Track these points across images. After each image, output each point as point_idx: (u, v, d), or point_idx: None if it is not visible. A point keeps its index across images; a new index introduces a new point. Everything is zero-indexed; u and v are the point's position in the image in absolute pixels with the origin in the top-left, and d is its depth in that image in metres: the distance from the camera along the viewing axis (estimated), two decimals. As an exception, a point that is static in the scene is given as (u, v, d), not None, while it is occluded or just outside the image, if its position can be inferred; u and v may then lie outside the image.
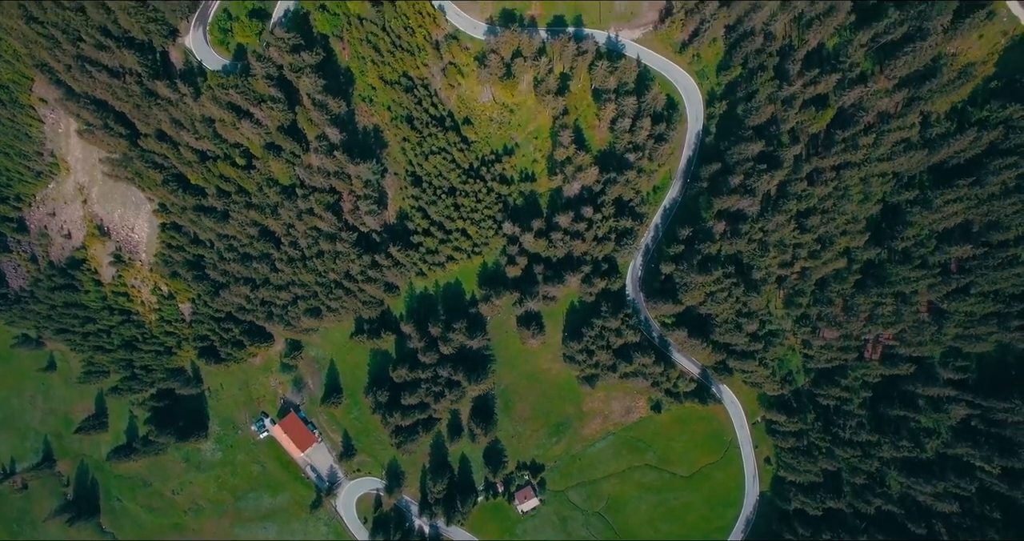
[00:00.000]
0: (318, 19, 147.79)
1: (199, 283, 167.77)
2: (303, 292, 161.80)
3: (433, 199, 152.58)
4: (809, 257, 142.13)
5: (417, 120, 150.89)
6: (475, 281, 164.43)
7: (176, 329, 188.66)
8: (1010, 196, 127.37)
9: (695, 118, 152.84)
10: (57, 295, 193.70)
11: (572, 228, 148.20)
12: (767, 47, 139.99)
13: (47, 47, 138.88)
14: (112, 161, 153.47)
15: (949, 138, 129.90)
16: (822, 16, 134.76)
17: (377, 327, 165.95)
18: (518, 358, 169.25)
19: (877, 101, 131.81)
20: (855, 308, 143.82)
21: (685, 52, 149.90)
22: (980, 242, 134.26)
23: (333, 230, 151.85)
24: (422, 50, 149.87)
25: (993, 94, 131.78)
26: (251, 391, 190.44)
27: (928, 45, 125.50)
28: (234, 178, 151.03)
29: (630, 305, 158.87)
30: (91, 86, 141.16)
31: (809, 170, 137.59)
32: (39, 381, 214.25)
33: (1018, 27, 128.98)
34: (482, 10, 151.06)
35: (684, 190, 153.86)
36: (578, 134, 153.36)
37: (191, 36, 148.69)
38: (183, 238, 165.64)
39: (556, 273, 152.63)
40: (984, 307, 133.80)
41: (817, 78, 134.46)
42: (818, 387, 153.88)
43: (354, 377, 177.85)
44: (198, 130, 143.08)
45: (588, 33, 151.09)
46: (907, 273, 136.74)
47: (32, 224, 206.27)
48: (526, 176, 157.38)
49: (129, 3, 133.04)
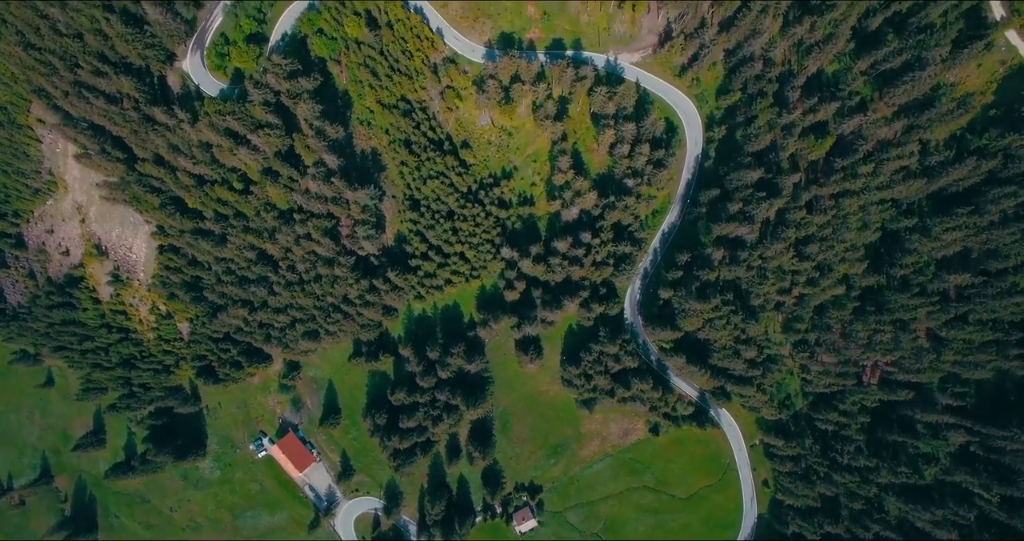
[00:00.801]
0: (315, 43, 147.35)
1: (197, 304, 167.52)
2: (301, 315, 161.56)
3: (431, 223, 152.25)
4: (807, 284, 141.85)
5: (415, 144, 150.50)
6: (473, 304, 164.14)
7: (174, 348, 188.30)
8: (1009, 225, 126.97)
9: (694, 142, 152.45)
10: (55, 313, 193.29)
11: (570, 253, 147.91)
12: (766, 73, 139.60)
13: (44, 74, 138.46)
14: (110, 185, 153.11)
15: (948, 166, 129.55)
16: (821, 43, 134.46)
17: (375, 349, 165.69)
18: (516, 380, 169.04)
19: (876, 130, 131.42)
20: (853, 335, 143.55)
21: (684, 76, 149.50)
22: (979, 270, 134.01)
23: (331, 254, 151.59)
24: (420, 74, 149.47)
25: (992, 122, 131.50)
26: (249, 410, 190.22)
27: (927, 75, 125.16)
28: (232, 202, 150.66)
29: (628, 329, 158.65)
30: (88, 112, 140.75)
31: (808, 198, 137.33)
32: (37, 397, 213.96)
33: (1016, 57, 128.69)
34: (480, 33, 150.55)
35: (683, 214, 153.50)
36: (576, 158, 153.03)
37: (188, 60, 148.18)
38: (181, 260, 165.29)
39: (554, 297, 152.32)
40: (983, 335, 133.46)
41: (816, 106, 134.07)
42: (816, 411, 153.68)
43: (352, 398, 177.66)
44: (195, 155, 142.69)
45: (587, 56, 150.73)
46: (906, 301, 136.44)
47: (30, 240, 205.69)
48: (524, 199, 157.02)
49: (126, 30, 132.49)
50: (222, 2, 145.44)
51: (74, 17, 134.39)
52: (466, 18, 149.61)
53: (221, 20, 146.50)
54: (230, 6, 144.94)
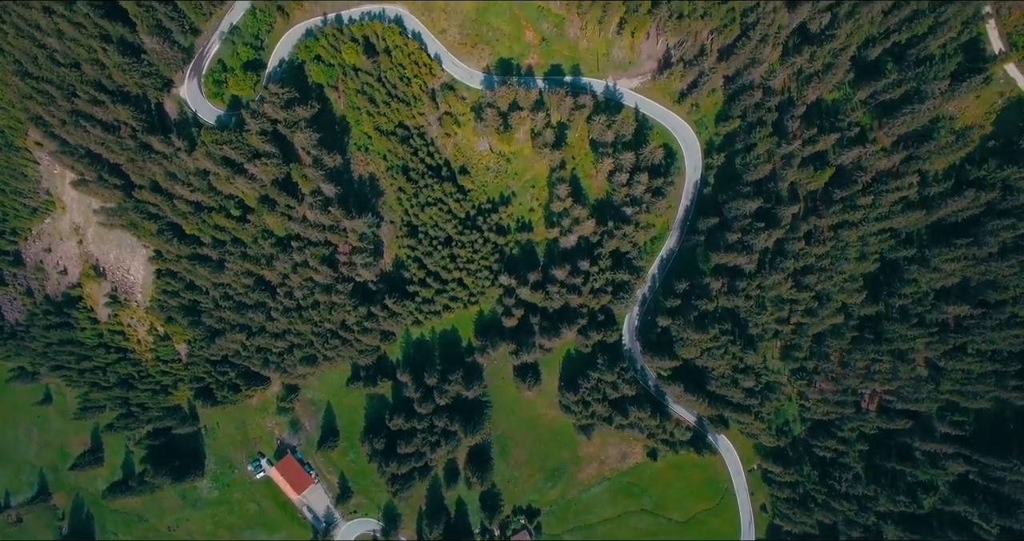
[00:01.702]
0: (313, 70, 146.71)
1: (195, 328, 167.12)
2: (299, 340, 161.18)
3: (429, 250, 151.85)
4: (806, 314, 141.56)
5: (413, 171, 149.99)
6: (472, 328, 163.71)
7: (172, 369, 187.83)
8: (1008, 258, 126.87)
9: (693, 168, 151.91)
10: (53, 333, 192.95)
11: (568, 281, 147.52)
12: (766, 102, 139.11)
13: (41, 102, 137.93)
14: (107, 211, 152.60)
15: (947, 198, 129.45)
16: (821, 73, 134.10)
17: (373, 373, 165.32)
18: (514, 404, 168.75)
19: (876, 161, 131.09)
20: (852, 364, 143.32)
21: (684, 102, 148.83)
22: (978, 300, 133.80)
23: (329, 281, 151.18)
24: (418, 100, 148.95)
25: (990, 152, 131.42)
26: (248, 431, 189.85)
27: (926, 108, 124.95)
28: (229, 228, 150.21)
29: (626, 355, 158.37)
30: (85, 140, 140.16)
31: (807, 229, 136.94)
32: (35, 414, 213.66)
33: (1015, 89, 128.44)
34: (479, 59, 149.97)
35: (682, 241, 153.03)
36: (575, 184, 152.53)
37: (185, 86, 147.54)
38: (179, 284, 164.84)
39: (552, 325, 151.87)
40: (982, 366, 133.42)
41: (816, 137, 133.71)
42: (814, 438, 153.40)
43: (351, 420, 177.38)
44: (192, 183, 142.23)
45: (586, 82, 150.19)
46: (904, 331, 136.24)
47: (28, 258, 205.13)
48: (523, 225, 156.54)
49: (123, 60, 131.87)
50: (219, 30, 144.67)
51: (71, 47, 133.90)
52: (464, 44, 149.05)
53: (218, 47, 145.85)
54: (227, 34, 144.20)
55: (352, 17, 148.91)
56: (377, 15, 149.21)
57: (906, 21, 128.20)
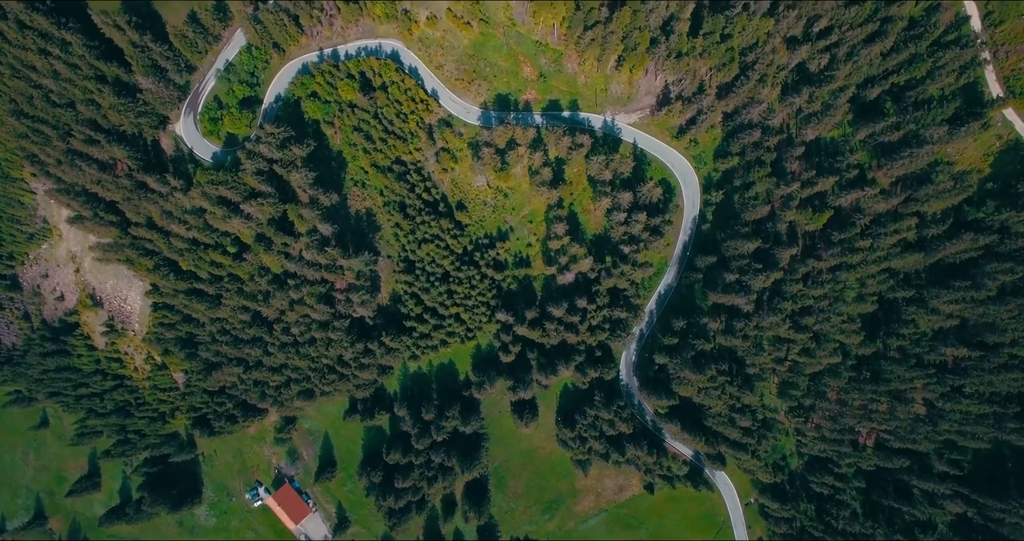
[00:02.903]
0: (309, 106, 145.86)
1: (191, 361, 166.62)
2: (296, 375, 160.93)
3: (426, 286, 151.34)
4: (803, 353, 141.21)
5: (410, 207, 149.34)
6: (469, 362, 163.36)
7: (169, 397, 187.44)
8: (1007, 301, 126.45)
9: (691, 203, 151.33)
10: (49, 360, 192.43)
11: (566, 319, 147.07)
12: (765, 141, 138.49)
13: (37, 142, 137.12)
14: (103, 246, 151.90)
15: (946, 241, 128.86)
16: (820, 114, 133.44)
17: (371, 406, 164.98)
18: (512, 436, 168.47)
19: (874, 204, 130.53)
20: (849, 403, 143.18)
21: (682, 137, 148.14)
22: (976, 342, 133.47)
23: (325, 318, 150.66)
24: (415, 136, 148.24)
25: (989, 194, 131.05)
26: (245, 459, 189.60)
27: (925, 152, 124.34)
28: (226, 265, 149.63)
29: (624, 390, 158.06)
30: (81, 178, 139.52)
31: (805, 271, 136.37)
32: (31, 437, 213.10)
33: (1013, 132, 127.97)
34: (476, 95, 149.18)
35: (679, 277, 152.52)
36: (573, 219, 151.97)
37: (181, 123, 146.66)
38: (175, 316, 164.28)
39: (550, 361, 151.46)
40: (980, 408, 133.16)
41: (815, 179, 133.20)
42: (812, 473, 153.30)
43: (348, 451, 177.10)
44: (188, 221, 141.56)
45: (584, 117, 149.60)
46: (902, 372, 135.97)
47: (25, 282, 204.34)
48: (520, 260, 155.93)
49: (119, 101, 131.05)
50: (215, 66, 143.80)
51: (67, 88, 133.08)
52: (461, 79, 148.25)
53: (214, 84, 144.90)
54: (223, 71, 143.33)
55: (348, 52, 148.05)
56: (373, 50, 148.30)
57: (904, 64, 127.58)
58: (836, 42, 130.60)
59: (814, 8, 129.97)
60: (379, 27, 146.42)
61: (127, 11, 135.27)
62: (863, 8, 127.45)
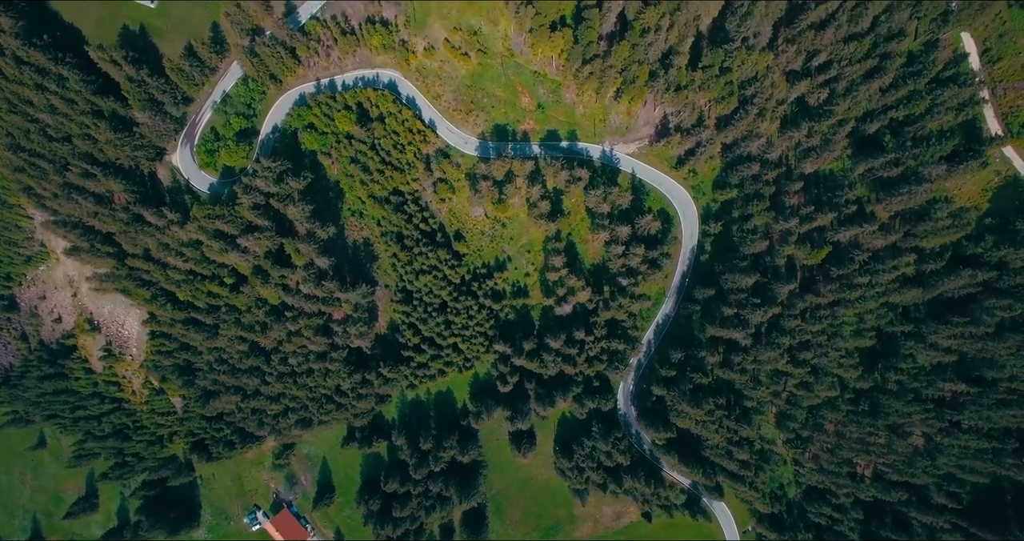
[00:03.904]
0: (306, 138, 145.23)
1: (189, 388, 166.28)
2: (294, 404, 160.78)
3: (424, 317, 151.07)
4: (801, 387, 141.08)
5: (407, 238, 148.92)
6: (467, 390, 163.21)
7: (167, 422, 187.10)
8: (1005, 338, 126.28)
9: (690, 234, 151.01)
10: (47, 384, 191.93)
11: (564, 351, 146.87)
12: (764, 175, 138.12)
13: (33, 175, 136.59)
14: (99, 277, 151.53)
15: (944, 277, 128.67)
16: (819, 148, 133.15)
17: (369, 434, 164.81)
18: (510, 464, 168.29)
19: (873, 240, 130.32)
20: (847, 435, 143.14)
21: (681, 168, 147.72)
22: (974, 376, 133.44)
23: (323, 349, 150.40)
24: (412, 167, 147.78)
25: (987, 229, 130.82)
26: (244, 483, 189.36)
27: (924, 190, 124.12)
28: (223, 296, 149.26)
29: (622, 419, 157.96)
30: (77, 211, 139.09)
31: (803, 307, 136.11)
32: (29, 458, 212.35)
33: (1011, 169, 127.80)
34: (474, 126, 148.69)
35: (678, 307, 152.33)
36: (571, 248, 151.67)
37: (178, 154, 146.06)
38: (173, 344, 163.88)
39: (548, 392, 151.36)
40: (979, 443, 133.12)
41: (813, 214, 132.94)
42: (809, 503, 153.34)
43: (347, 476, 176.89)
44: (185, 253, 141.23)
45: (582, 147, 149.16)
46: (900, 407, 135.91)
47: (23, 302, 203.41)
48: (518, 290, 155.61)
49: (115, 136, 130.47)
50: (211, 98, 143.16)
51: (63, 122, 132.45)
52: (459, 110, 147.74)
53: (210, 116, 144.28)
54: (219, 104, 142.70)
55: (346, 82, 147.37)
56: (371, 80, 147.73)
57: (903, 100, 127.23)
58: (835, 77, 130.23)
59: (813, 43, 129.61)
60: (376, 57, 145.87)
61: (124, 45, 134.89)
62: (862, 44, 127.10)
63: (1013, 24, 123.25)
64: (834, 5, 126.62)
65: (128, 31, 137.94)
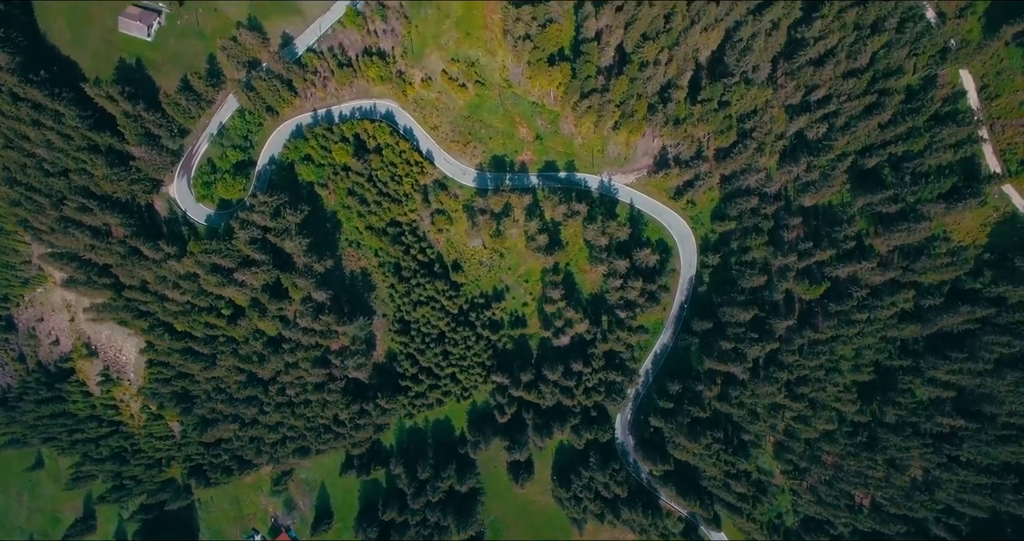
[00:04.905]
0: (302, 170, 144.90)
1: (187, 416, 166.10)
2: (292, 433, 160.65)
3: (422, 347, 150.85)
4: (799, 421, 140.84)
5: (405, 269, 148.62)
6: (465, 419, 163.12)
7: (165, 446, 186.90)
8: (1004, 375, 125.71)
9: (689, 264, 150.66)
10: (44, 408, 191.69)
11: (561, 383, 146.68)
12: (762, 208, 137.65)
13: (30, 209, 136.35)
14: (96, 307, 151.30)
15: (943, 313, 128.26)
16: (817, 183, 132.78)
17: (367, 461, 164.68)
18: (508, 491, 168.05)
19: (872, 277, 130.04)
20: (845, 468, 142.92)
21: (680, 198, 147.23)
22: (973, 410, 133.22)
23: (321, 379, 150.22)
24: (410, 198, 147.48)
25: (986, 264, 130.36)
26: (242, 507, 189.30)
27: (922, 228, 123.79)
28: (220, 327, 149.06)
29: (619, 449, 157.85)
30: (74, 244, 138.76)
31: (801, 343, 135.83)
32: (26, 478, 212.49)
33: (1009, 205, 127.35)
34: (472, 157, 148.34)
35: (676, 337, 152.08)
36: (569, 278, 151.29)
37: (175, 185, 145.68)
38: (170, 372, 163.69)
39: (545, 423, 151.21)
40: (978, 478, 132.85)
41: (812, 250, 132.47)
42: (808, 533, 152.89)
43: (345, 502, 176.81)
44: (182, 286, 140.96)
45: (580, 178, 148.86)
46: (899, 441, 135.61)
47: (20, 323, 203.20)
48: (516, 319, 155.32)
49: (111, 172, 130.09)
50: (208, 130, 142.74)
51: (60, 157, 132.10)
52: (457, 142, 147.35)
53: (207, 147, 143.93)
54: (216, 136, 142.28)
55: (343, 112, 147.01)
56: (368, 110, 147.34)
57: (902, 136, 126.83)
58: (834, 112, 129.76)
59: (812, 78, 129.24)
60: (374, 88, 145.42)
61: (120, 79, 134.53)
62: (861, 80, 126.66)
63: (1010, 62, 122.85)
64: (833, 41, 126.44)
65: (124, 64, 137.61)
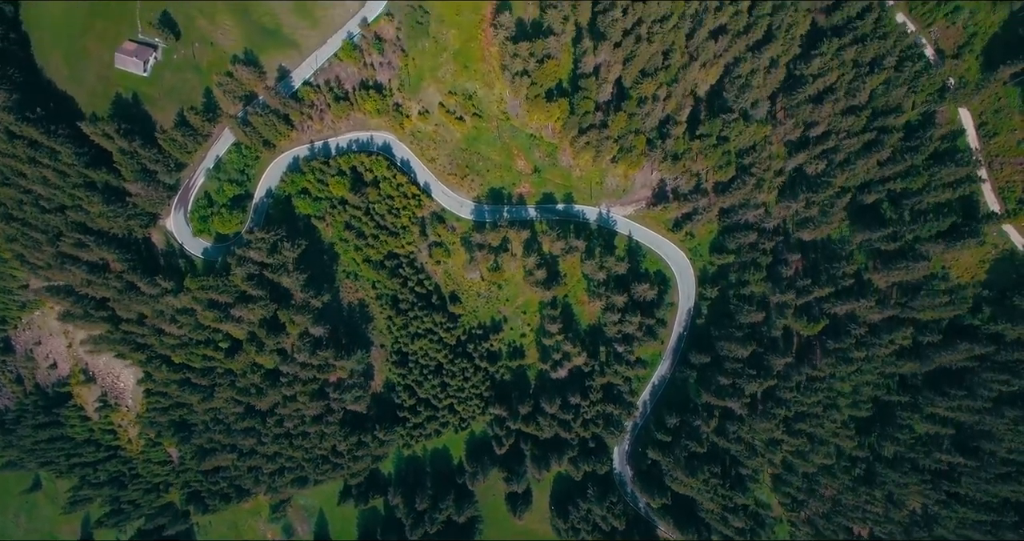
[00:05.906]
0: (299, 203, 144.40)
1: (185, 445, 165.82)
2: (290, 464, 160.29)
3: (420, 379, 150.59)
4: (797, 455, 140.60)
5: (403, 302, 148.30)
6: (463, 448, 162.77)
7: (163, 471, 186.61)
8: (1002, 413, 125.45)
9: (687, 296, 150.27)
10: (41, 432, 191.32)
11: (559, 416, 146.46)
12: (761, 243, 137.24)
13: (26, 245, 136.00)
14: (93, 339, 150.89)
15: (941, 350, 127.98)
16: (816, 219, 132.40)
17: (365, 490, 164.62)
18: (506, 520, 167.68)
19: (870, 314, 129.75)
20: (843, 502, 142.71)
21: (679, 230, 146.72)
22: (972, 447, 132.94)
23: (319, 412, 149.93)
24: (407, 231, 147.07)
25: (985, 300, 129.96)
26: (241, 532, 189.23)
27: (921, 267, 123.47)
28: (218, 359, 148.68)
29: (617, 479, 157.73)
30: (71, 279, 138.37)
31: (799, 380, 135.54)
32: (23, 500, 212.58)
33: (1007, 243, 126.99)
34: (469, 189, 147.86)
35: (674, 369, 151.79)
36: (567, 310, 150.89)
37: (172, 219, 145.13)
38: (168, 401, 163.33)
39: (543, 454, 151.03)
40: (977, 515, 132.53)
41: (810, 287, 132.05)
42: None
43: (343, 529, 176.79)
44: (179, 320, 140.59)
45: (578, 209, 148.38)
46: (897, 477, 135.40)
47: (18, 345, 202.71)
48: (514, 350, 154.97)
49: (107, 209, 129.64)
50: (204, 163, 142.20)
51: (56, 194, 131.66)
52: (454, 174, 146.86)
53: (203, 181, 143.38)
54: (212, 171, 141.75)
55: (340, 145, 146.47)
56: (366, 142, 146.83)
57: (901, 174, 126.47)
58: (833, 148, 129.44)
59: (811, 115, 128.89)
60: (371, 120, 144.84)
61: (116, 114, 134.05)
62: (859, 117, 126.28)
63: (1008, 101, 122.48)
64: (832, 78, 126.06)
65: (121, 99, 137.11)
